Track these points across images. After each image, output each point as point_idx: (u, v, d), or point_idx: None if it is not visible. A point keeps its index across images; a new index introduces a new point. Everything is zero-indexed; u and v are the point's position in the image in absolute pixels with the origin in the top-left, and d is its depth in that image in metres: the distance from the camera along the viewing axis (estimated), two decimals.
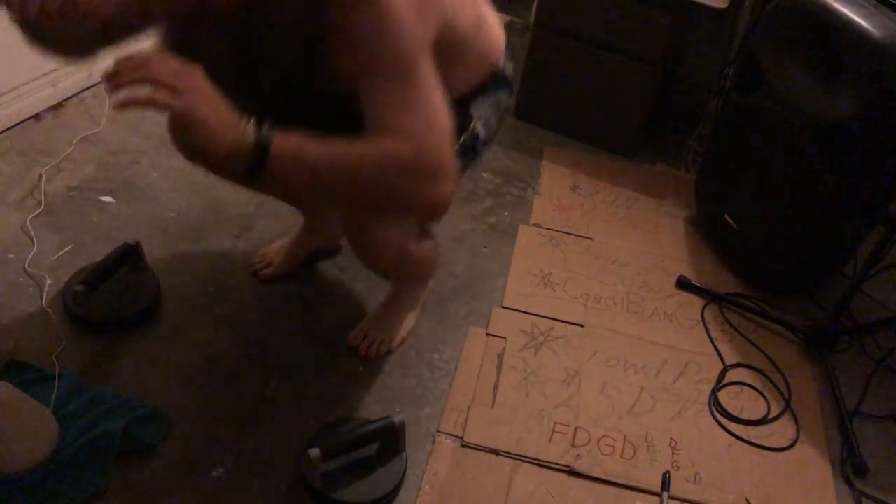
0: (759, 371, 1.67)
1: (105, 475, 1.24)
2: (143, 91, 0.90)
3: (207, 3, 0.95)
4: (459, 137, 1.30)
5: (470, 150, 1.35)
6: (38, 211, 1.73)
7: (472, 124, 1.34)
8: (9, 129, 1.97)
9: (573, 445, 1.44)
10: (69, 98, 2.10)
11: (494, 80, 1.37)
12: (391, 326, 1.57)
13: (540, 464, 1.40)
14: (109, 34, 1.13)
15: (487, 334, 1.65)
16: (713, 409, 1.57)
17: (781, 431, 1.55)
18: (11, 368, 1.38)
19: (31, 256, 1.62)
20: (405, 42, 1.00)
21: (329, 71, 1.06)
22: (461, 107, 1.31)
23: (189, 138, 0.93)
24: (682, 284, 1.86)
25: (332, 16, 0.99)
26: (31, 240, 1.65)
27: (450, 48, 1.15)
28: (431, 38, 1.06)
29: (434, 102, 1.03)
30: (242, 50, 1.08)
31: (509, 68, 1.41)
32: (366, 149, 1.01)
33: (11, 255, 1.62)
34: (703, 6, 1.98)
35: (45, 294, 1.54)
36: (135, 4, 1.09)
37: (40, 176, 1.83)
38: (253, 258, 1.71)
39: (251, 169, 0.96)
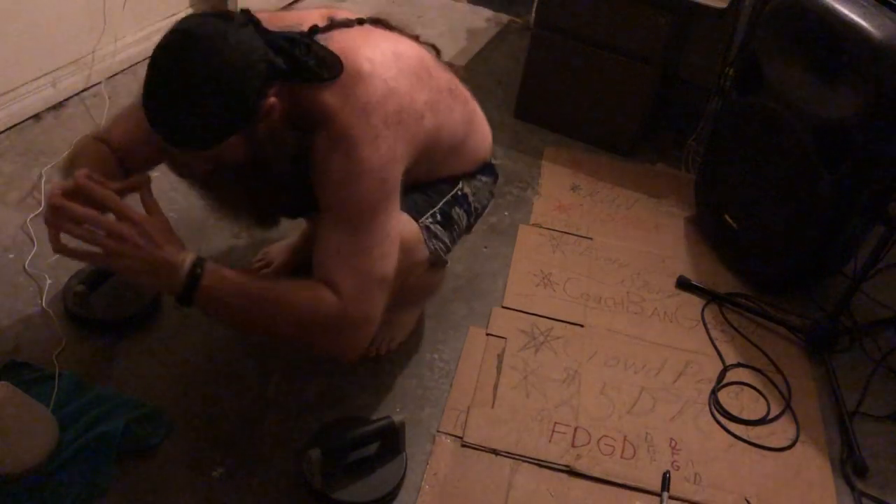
0: (759, 371, 1.67)
1: (105, 475, 1.24)
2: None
3: (220, 162, 1.07)
4: (450, 192, 1.39)
5: (461, 204, 1.40)
6: (39, 211, 1.73)
7: (461, 185, 1.41)
8: (9, 129, 1.97)
9: (573, 445, 1.44)
10: (69, 98, 2.10)
11: (483, 170, 1.47)
12: (392, 327, 1.57)
13: (540, 464, 1.40)
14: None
15: (487, 334, 1.65)
16: (713, 409, 1.57)
17: (781, 431, 1.55)
18: (11, 368, 1.38)
19: (31, 256, 1.61)
20: (368, 195, 1.10)
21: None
22: (452, 179, 1.41)
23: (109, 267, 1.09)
24: (682, 284, 1.86)
25: (315, 156, 1.11)
26: (32, 240, 1.65)
27: (439, 153, 1.27)
28: (408, 165, 1.17)
29: (383, 248, 1.13)
30: (253, 188, 1.18)
31: (494, 159, 1.53)
32: (295, 294, 1.12)
33: (11, 256, 1.62)
34: (703, 6, 1.98)
35: (45, 294, 1.54)
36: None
37: (40, 176, 1.83)
38: (253, 258, 1.71)
39: (178, 299, 1.09)
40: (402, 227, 1.20)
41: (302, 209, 1.40)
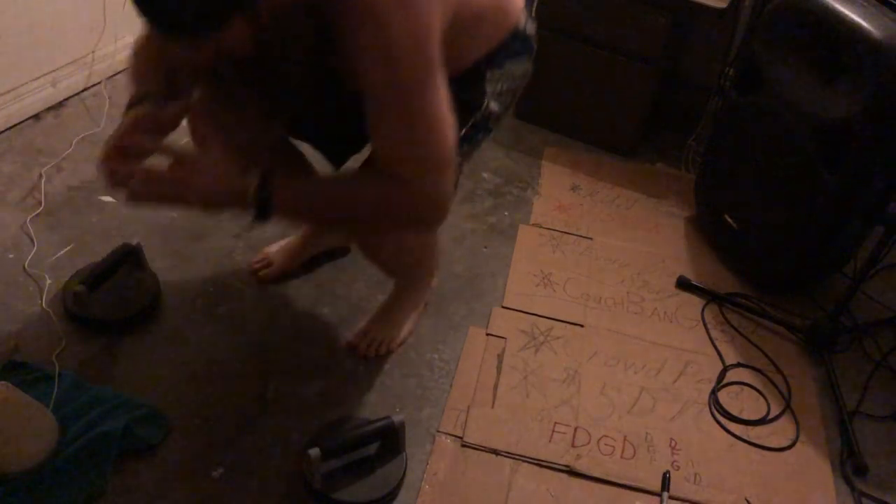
0: (759, 371, 1.67)
1: (105, 475, 1.24)
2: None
3: (220, 55, 0.98)
4: (472, 116, 1.30)
5: (482, 129, 1.33)
6: (39, 211, 1.73)
7: (486, 102, 1.31)
8: (9, 129, 1.97)
9: (573, 445, 1.44)
10: (69, 98, 2.11)
11: (514, 40, 1.32)
12: (392, 326, 1.57)
13: (540, 464, 1.40)
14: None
15: (487, 334, 1.64)
16: (713, 409, 1.57)
17: (781, 431, 1.55)
18: (11, 368, 1.38)
19: (30, 256, 1.61)
20: (410, 68, 1.00)
21: (343, 78, 1.09)
22: (476, 78, 1.29)
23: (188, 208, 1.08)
24: (682, 284, 1.86)
25: (339, 39, 1.00)
26: (32, 240, 1.65)
27: (464, 21, 1.14)
28: (444, 29, 1.05)
29: (437, 131, 1.05)
30: (265, 85, 1.12)
31: (531, 27, 1.36)
32: (363, 191, 1.08)
33: (11, 256, 1.62)
34: (703, 6, 1.98)
35: (45, 294, 1.54)
36: (166, 90, 1.17)
37: (40, 176, 1.83)
38: (253, 258, 1.71)
39: (257, 217, 1.06)
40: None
41: (323, 119, 1.30)
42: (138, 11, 0.93)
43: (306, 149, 1.47)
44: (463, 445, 1.41)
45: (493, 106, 1.33)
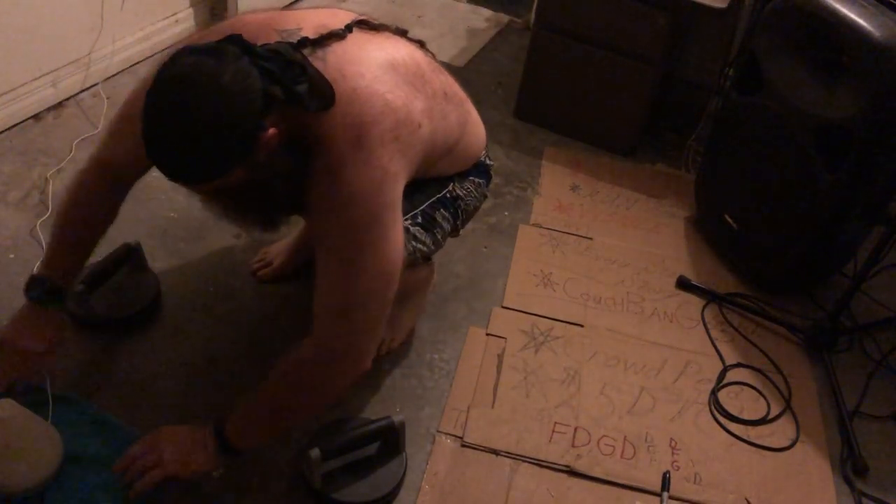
0: (759, 371, 1.67)
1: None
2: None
3: (221, 188, 1.07)
4: (437, 194, 1.40)
5: (446, 206, 1.40)
6: (46, 216, 1.71)
7: (451, 185, 1.42)
8: (9, 129, 1.97)
9: (573, 445, 1.44)
10: (69, 98, 2.10)
11: (476, 170, 1.47)
12: (392, 326, 1.57)
13: (540, 464, 1.40)
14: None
15: (487, 334, 1.64)
16: (713, 409, 1.57)
17: (781, 431, 1.55)
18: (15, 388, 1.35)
19: (39, 262, 1.60)
20: (357, 222, 1.11)
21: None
22: (444, 180, 1.41)
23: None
24: (682, 284, 1.86)
25: (308, 183, 1.12)
26: (41, 244, 1.64)
27: (433, 157, 1.27)
28: (409, 176, 1.18)
29: (369, 304, 1.14)
30: (254, 202, 1.20)
31: (489, 160, 1.52)
32: (291, 377, 1.18)
33: (12, 256, 1.62)
34: (703, 6, 1.98)
35: None
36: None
37: (46, 180, 1.82)
38: (253, 258, 1.71)
39: (228, 457, 1.21)
40: None
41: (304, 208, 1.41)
42: (153, 162, 1.03)
43: None
44: (463, 445, 1.41)
45: (459, 191, 1.43)
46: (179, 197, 1.83)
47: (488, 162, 1.52)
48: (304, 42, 1.11)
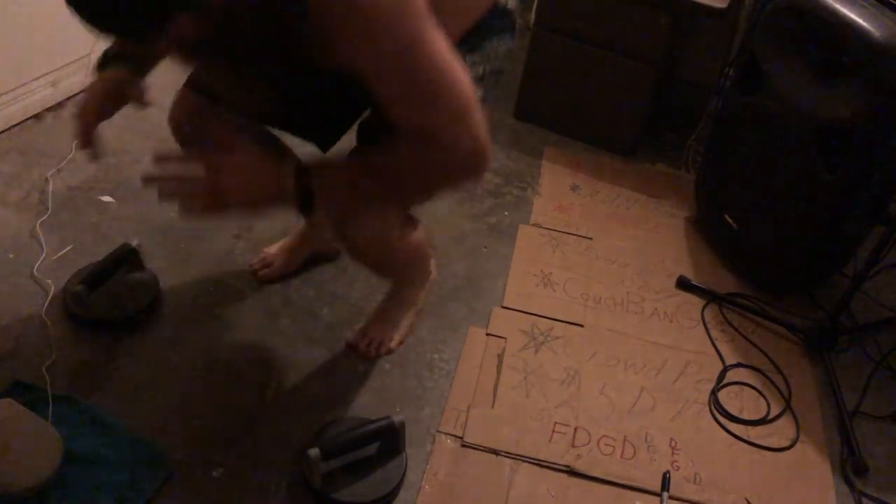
0: (759, 371, 1.67)
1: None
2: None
3: (173, 43, 0.95)
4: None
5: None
6: (46, 216, 1.72)
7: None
8: (9, 129, 1.97)
9: (573, 445, 1.44)
10: (69, 98, 2.11)
11: (494, 17, 1.24)
12: (391, 326, 1.57)
13: (540, 464, 1.40)
14: None
15: (487, 334, 1.64)
16: (713, 408, 1.57)
17: (781, 431, 1.55)
18: (14, 388, 1.35)
19: (40, 262, 1.60)
20: (395, 35, 0.94)
21: (320, 61, 1.02)
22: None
23: (235, 213, 1.07)
24: (682, 284, 1.86)
25: (312, 27, 0.94)
26: (41, 245, 1.64)
27: None
28: None
29: (446, 79, 1.00)
30: (231, 64, 1.08)
31: (512, 1, 1.27)
32: (399, 157, 1.05)
33: (12, 256, 1.62)
34: (703, 6, 1.98)
35: (49, 298, 1.54)
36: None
37: (46, 180, 1.83)
38: (253, 258, 1.71)
39: (301, 208, 1.06)
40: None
41: (303, 105, 1.24)
42: (78, 18, 0.91)
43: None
44: (463, 445, 1.41)
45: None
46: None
47: (509, 5, 1.26)
48: None
